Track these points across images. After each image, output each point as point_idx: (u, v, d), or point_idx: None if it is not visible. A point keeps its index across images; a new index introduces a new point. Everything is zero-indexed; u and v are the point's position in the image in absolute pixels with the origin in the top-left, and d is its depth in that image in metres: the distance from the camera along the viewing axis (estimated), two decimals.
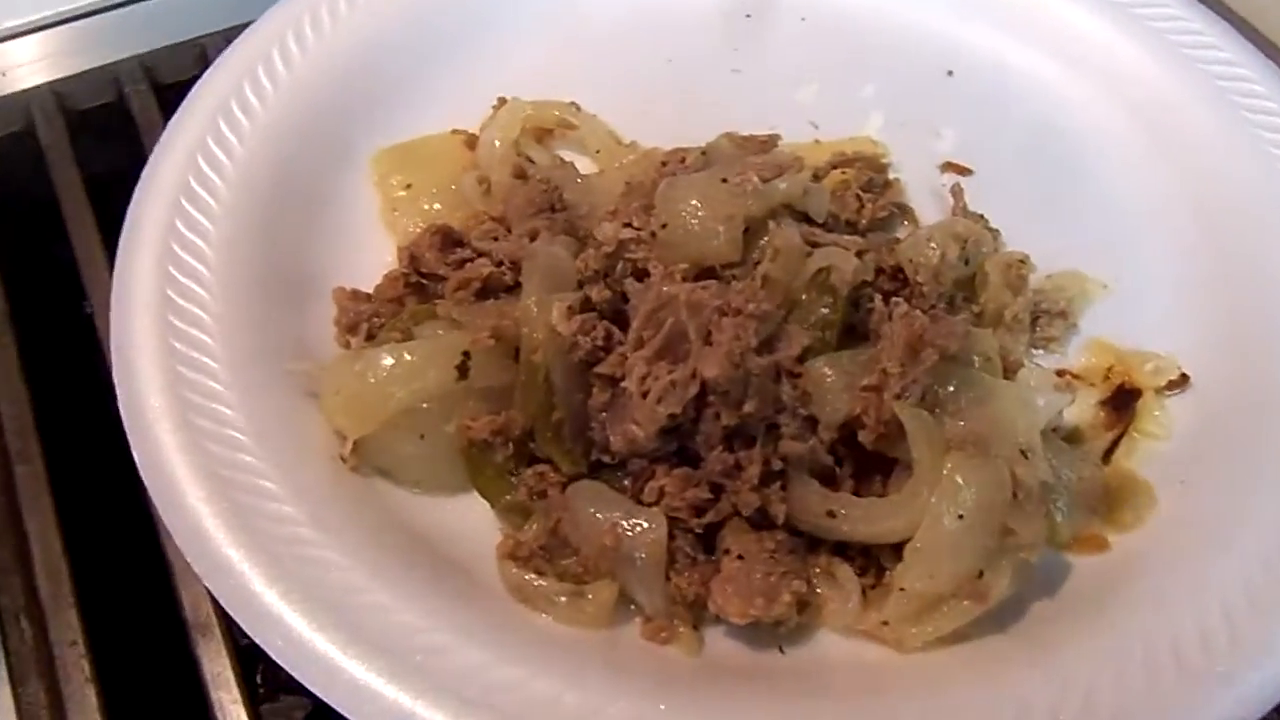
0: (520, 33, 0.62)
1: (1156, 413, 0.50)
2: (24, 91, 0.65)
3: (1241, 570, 0.43)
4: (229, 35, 0.65)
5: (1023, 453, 0.44)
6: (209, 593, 0.45)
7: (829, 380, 0.44)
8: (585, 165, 0.58)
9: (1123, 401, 0.51)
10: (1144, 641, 0.41)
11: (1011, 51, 0.63)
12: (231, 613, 0.40)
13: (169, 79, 0.65)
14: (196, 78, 0.60)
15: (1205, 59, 0.59)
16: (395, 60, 0.60)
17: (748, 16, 0.63)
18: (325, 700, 0.39)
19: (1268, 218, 0.54)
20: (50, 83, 0.64)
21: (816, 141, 0.59)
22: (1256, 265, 0.53)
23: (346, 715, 0.38)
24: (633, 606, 0.43)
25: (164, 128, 0.58)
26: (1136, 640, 0.41)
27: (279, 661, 0.39)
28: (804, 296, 0.47)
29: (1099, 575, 0.45)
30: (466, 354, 0.45)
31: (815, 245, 0.48)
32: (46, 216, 0.59)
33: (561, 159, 0.57)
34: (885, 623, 0.42)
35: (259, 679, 0.46)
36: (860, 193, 0.54)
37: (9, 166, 0.63)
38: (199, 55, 0.65)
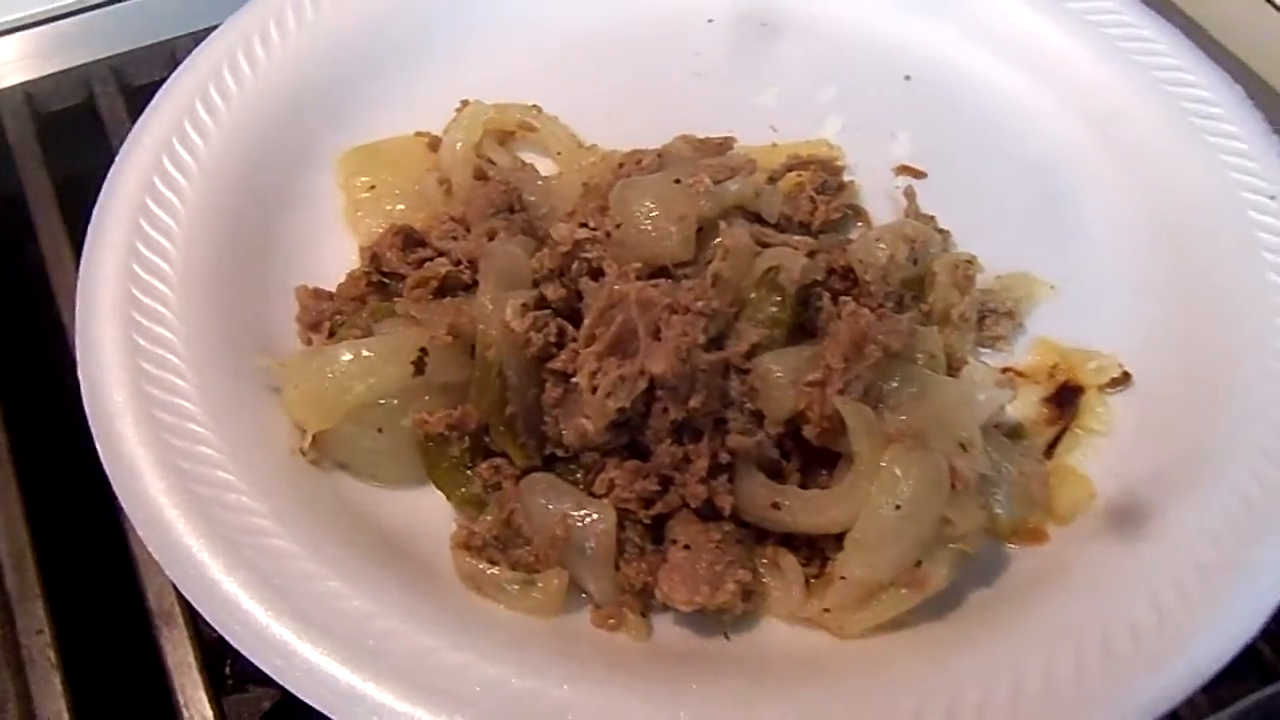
0: (484, 37, 0.63)
1: (1098, 409, 0.52)
2: None
3: (1172, 564, 0.45)
4: (198, 38, 0.65)
5: (962, 446, 0.45)
6: (172, 583, 0.44)
7: (776, 376, 0.45)
8: (547, 167, 0.59)
9: (1066, 398, 0.52)
10: (1075, 630, 0.42)
11: (968, 57, 0.64)
12: (191, 600, 0.42)
13: (138, 81, 0.65)
14: (164, 81, 0.61)
15: (1156, 66, 0.61)
16: (360, 63, 0.61)
17: (710, 21, 0.64)
18: (281, 683, 0.39)
19: (1211, 222, 0.55)
20: (21, 84, 0.65)
21: (774, 144, 0.59)
22: (1199, 268, 0.54)
23: (301, 698, 0.39)
24: (583, 595, 0.45)
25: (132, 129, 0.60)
26: (1068, 629, 0.42)
27: (237, 647, 0.40)
28: (753, 295, 0.48)
29: (1036, 566, 0.47)
30: (424, 350, 0.47)
31: (766, 245, 0.49)
32: (15, 215, 0.59)
33: (522, 161, 0.58)
34: (827, 610, 0.44)
35: (227, 670, 0.47)
36: (814, 194, 0.55)
37: None
38: (168, 57, 0.65)
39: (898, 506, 0.43)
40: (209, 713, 0.45)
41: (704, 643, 0.44)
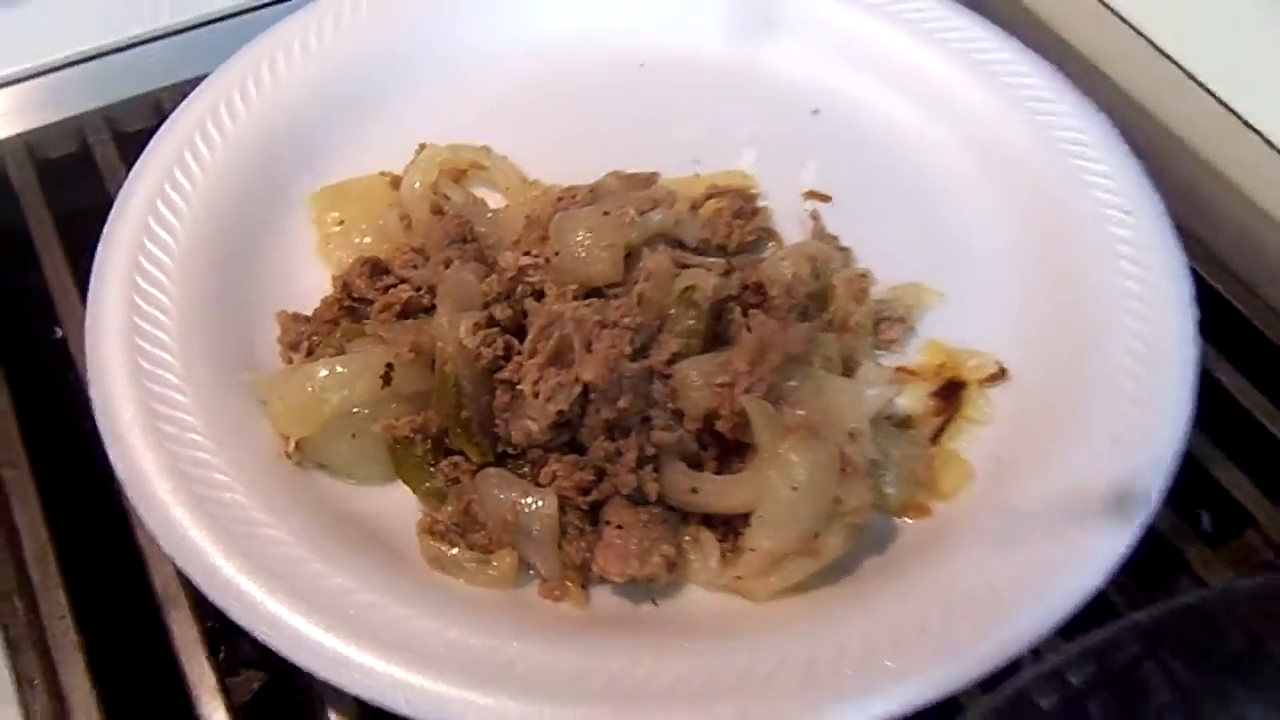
0: (439, 86, 0.69)
1: (979, 401, 0.59)
2: None
3: (1033, 529, 0.51)
4: (180, 88, 0.69)
5: (851, 435, 0.52)
6: (177, 571, 0.51)
7: (692, 380, 0.53)
8: (496, 200, 0.65)
9: (950, 392, 0.59)
10: (949, 587, 0.49)
11: (869, 92, 0.70)
12: (196, 584, 0.48)
13: (128, 129, 0.71)
14: (153, 127, 0.66)
15: (1031, 98, 0.67)
16: (328, 111, 0.67)
17: (641, 65, 0.71)
18: (273, 648, 0.46)
19: (1077, 236, 0.62)
20: (21, 134, 0.70)
21: (696, 175, 0.66)
22: (1066, 276, 0.61)
23: (293, 661, 0.46)
24: (531, 571, 0.51)
25: (125, 173, 0.64)
26: (943, 586, 0.49)
27: (236, 621, 0.47)
28: (673, 311, 0.55)
29: (921, 536, 0.54)
30: (390, 365, 0.54)
31: (685, 267, 0.57)
32: (20, 251, 0.65)
33: (474, 196, 0.65)
34: (739, 578, 0.51)
35: (220, 656, 0.52)
36: (731, 219, 0.63)
37: None
38: (155, 107, 0.71)
39: (794, 488, 0.50)
40: (213, 684, 0.50)
41: (635, 609, 0.51)
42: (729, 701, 0.44)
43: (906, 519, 0.56)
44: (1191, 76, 0.73)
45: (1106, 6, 0.75)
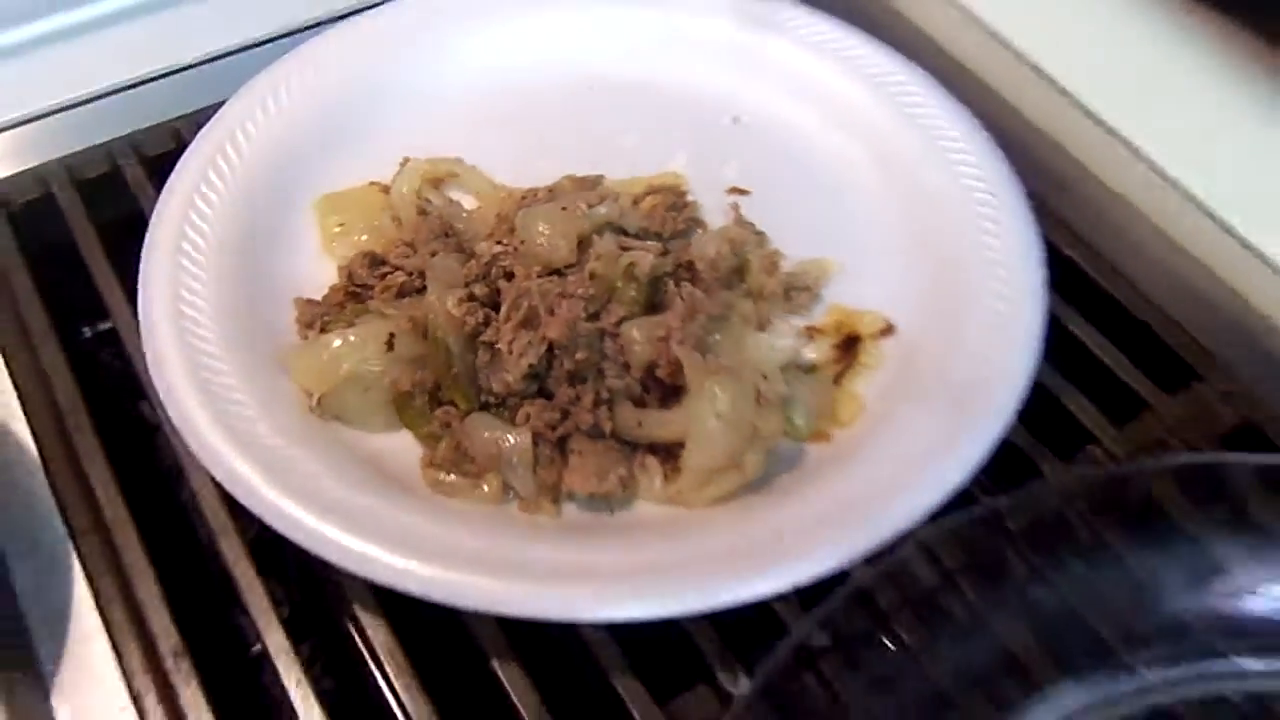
0: (418, 109, 0.77)
1: (872, 350, 0.67)
2: (40, 165, 0.77)
3: (911, 446, 0.60)
4: (197, 118, 0.75)
5: (764, 376, 0.63)
6: (227, 504, 0.61)
7: (636, 337, 0.63)
8: (470, 202, 0.74)
9: (848, 344, 0.68)
10: (841, 492, 0.59)
11: (781, 103, 0.79)
12: (241, 501, 0.57)
13: (152, 153, 0.77)
14: (172, 151, 0.73)
15: (912, 105, 0.76)
16: (325, 132, 0.75)
17: (590, 88, 0.80)
18: (312, 552, 0.55)
19: (950, 215, 0.71)
20: (60, 158, 0.77)
21: (635, 177, 0.75)
22: (942, 247, 0.70)
23: (327, 560, 0.55)
24: (512, 492, 0.61)
25: (152, 190, 0.72)
26: (837, 492, 0.59)
27: (275, 528, 0.56)
28: (619, 284, 0.65)
29: (824, 455, 0.63)
30: (392, 334, 0.63)
31: (627, 249, 0.67)
32: (69, 257, 0.73)
33: (451, 199, 0.74)
34: (679, 491, 0.61)
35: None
36: (665, 211, 0.72)
37: (34, 225, 0.75)
38: (174, 134, 0.78)
39: (719, 416, 0.58)
40: (261, 593, 0.59)
41: (595, 518, 0.61)
42: (668, 574, 0.55)
43: (812, 444, 0.63)
44: (1048, 77, 0.82)
45: (972, 16, 0.86)
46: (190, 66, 0.83)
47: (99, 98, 0.82)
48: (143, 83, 0.82)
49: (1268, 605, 0.57)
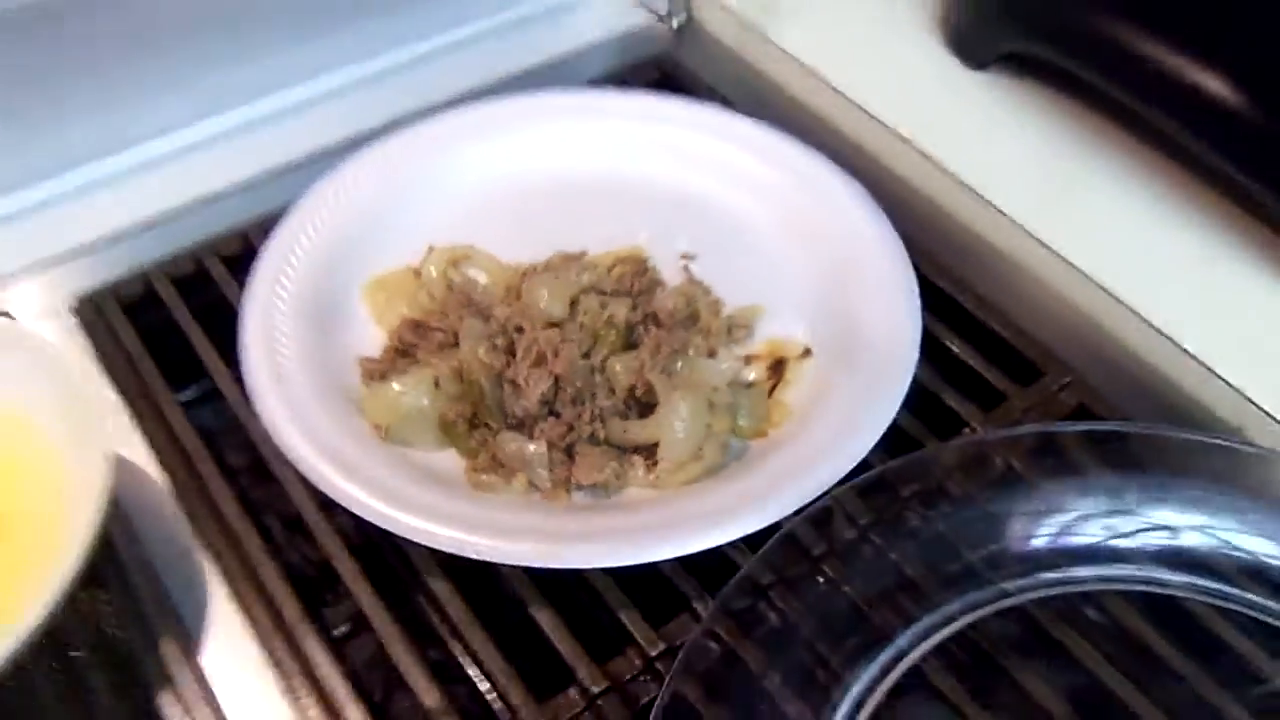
0: (439, 204, 0.91)
1: (795, 369, 0.80)
2: (142, 266, 0.89)
3: (826, 433, 0.73)
4: (262, 224, 0.88)
5: (714, 390, 0.74)
6: (321, 505, 0.73)
7: (618, 369, 0.75)
8: (483, 278, 0.85)
9: (778, 366, 0.81)
10: (776, 469, 0.71)
11: (715, 186, 0.93)
12: (339, 502, 0.69)
13: (227, 253, 0.89)
14: (244, 252, 0.87)
15: (807, 175, 0.91)
16: (367, 230, 0.88)
17: (570, 184, 0.91)
18: (389, 529, 0.68)
19: (842, 259, 0.85)
20: (158, 261, 0.89)
21: (608, 252, 0.87)
22: (841, 285, 0.84)
23: (405, 536, 0.68)
24: (534, 487, 0.73)
25: (232, 280, 0.86)
26: (772, 470, 0.71)
27: (364, 518, 0.68)
28: (602, 331, 0.77)
29: (764, 447, 0.75)
30: (437, 379, 0.74)
31: (606, 305, 0.79)
32: (174, 336, 0.85)
33: (468, 276, 0.85)
34: (657, 478, 0.72)
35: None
36: (633, 276, 0.83)
37: (143, 311, 0.87)
38: (243, 237, 0.90)
39: (682, 422, 0.72)
40: (347, 556, 0.72)
41: (597, 500, 0.73)
42: (655, 532, 0.67)
43: (753, 440, 0.76)
44: (915, 145, 0.92)
45: (852, 101, 0.96)
46: (251, 183, 0.94)
47: (186, 209, 0.93)
48: (217, 197, 0.93)
49: (1092, 531, 0.70)
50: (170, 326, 0.86)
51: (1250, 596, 0.68)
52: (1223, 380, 0.76)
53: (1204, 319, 0.78)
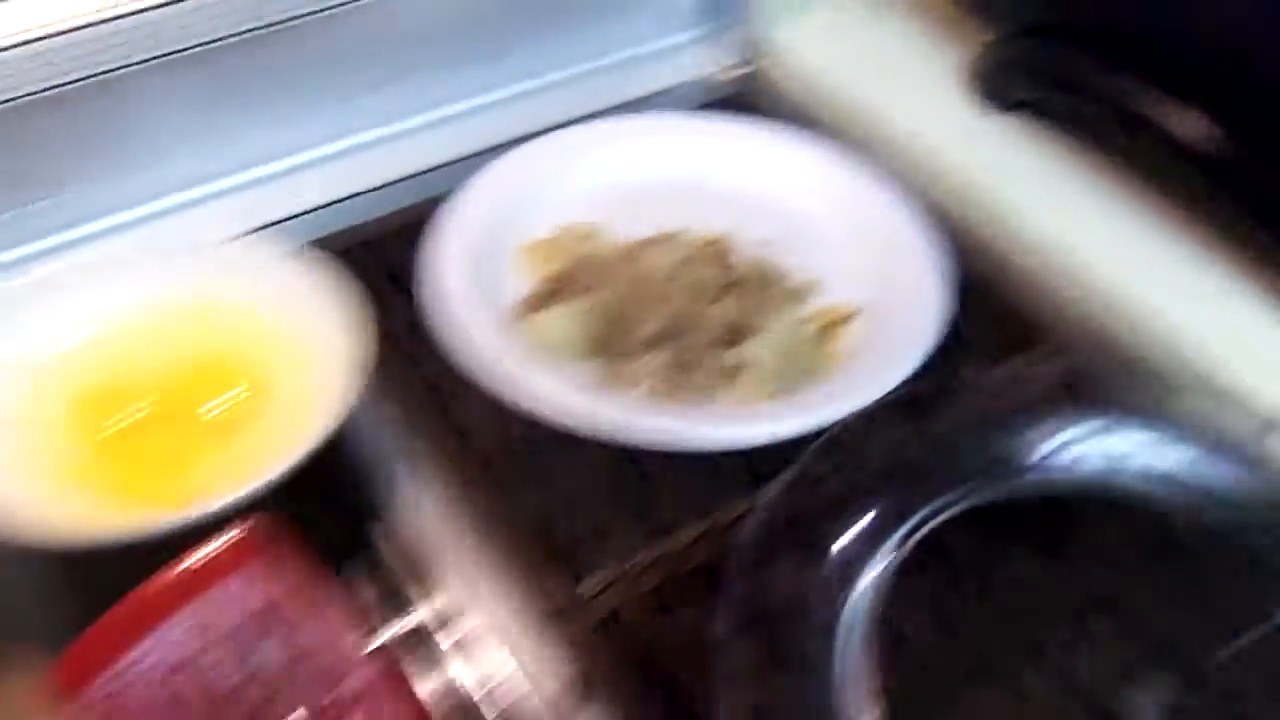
0: (567, 198, 1.10)
1: (845, 327, 0.98)
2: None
3: (869, 370, 0.93)
4: (433, 205, 1.03)
5: (787, 330, 0.95)
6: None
7: (717, 313, 0.98)
8: (604, 250, 1.03)
9: (831, 324, 0.97)
10: (828, 392, 0.92)
11: (784, 190, 1.11)
12: (509, 398, 0.91)
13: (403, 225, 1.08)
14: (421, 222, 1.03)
15: (854, 185, 1.11)
16: (518, 208, 1.07)
17: (667, 185, 1.12)
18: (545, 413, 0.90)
19: (895, 251, 1.03)
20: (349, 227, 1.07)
21: (700, 237, 1.02)
22: (890, 272, 1.03)
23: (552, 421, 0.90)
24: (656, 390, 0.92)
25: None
26: (824, 392, 0.91)
27: (529, 410, 0.91)
28: (700, 286, 1.01)
29: (819, 384, 0.92)
30: (588, 306, 0.98)
31: (701, 268, 1.04)
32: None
33: (595, 246, 1.05)
34: (745, 394, 0.89)
35: None
36: (720, 254, 1.03)
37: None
38: (420, 212, 1.03)
39: (765, 351, 0.93)
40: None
41: (705, 403, 0.97)
42: (746, 419, 0.90)
43: (813, 380, 0.92)
44: (940, 169, 1.10)
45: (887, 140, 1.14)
46: (421, 174, 1.15)
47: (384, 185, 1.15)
48: (398, 181, 1.16)
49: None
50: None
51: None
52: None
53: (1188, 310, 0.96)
